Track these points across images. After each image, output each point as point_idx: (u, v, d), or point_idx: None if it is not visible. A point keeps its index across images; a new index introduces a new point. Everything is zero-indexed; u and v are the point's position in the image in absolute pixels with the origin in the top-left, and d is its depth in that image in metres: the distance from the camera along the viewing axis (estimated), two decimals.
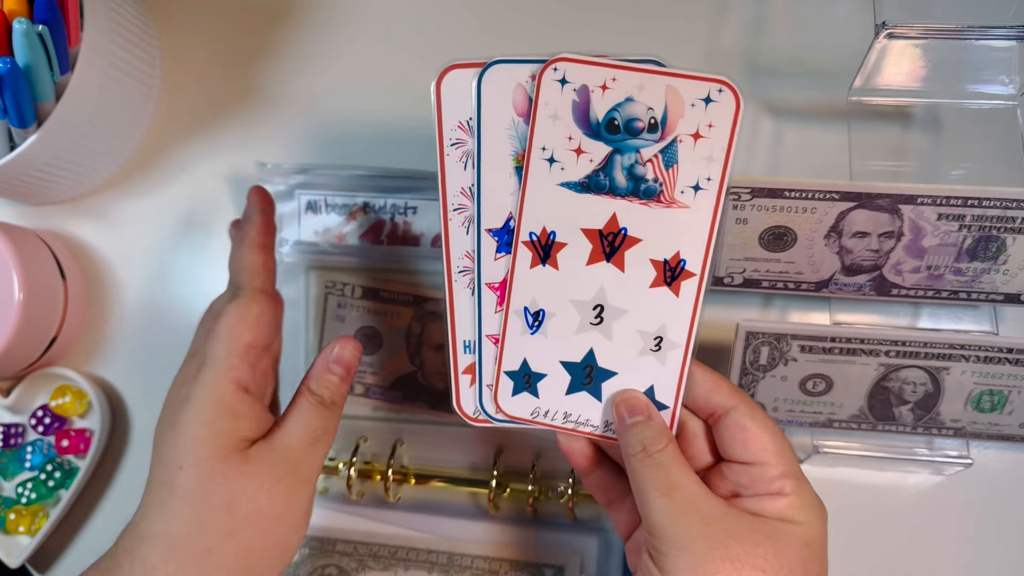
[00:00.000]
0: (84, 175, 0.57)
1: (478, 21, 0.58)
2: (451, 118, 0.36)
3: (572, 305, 0.38)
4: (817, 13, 0.55)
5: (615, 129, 0.35)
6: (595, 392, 0.39)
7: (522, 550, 0.49)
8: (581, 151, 0.36)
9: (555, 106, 0.35)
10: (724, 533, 0.33)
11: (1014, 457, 0.49)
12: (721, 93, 0.34)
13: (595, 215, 0.36)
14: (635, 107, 0.35)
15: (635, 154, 0.35)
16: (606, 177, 0.36)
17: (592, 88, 0.35)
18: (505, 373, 0.39)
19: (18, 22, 0.47)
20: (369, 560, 0.49)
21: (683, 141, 0.35)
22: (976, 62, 0.48)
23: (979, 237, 0.43)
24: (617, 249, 0.37)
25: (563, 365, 0.39)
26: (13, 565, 0.54)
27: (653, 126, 0.35)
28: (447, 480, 0.51)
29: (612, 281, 0.37)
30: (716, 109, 0.34)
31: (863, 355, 0.44)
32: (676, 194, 0.35)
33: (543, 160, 0.36)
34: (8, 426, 0.56)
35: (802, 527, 0.34)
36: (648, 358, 0.38)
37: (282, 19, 0.60)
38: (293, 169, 0.53)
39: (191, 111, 0.59)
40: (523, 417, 0.40)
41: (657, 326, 0.37)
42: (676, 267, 0.37)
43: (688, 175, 0.35)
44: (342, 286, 0.51)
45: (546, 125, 0.35)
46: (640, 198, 0.36)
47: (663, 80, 0.34)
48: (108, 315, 0.58)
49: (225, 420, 0.37)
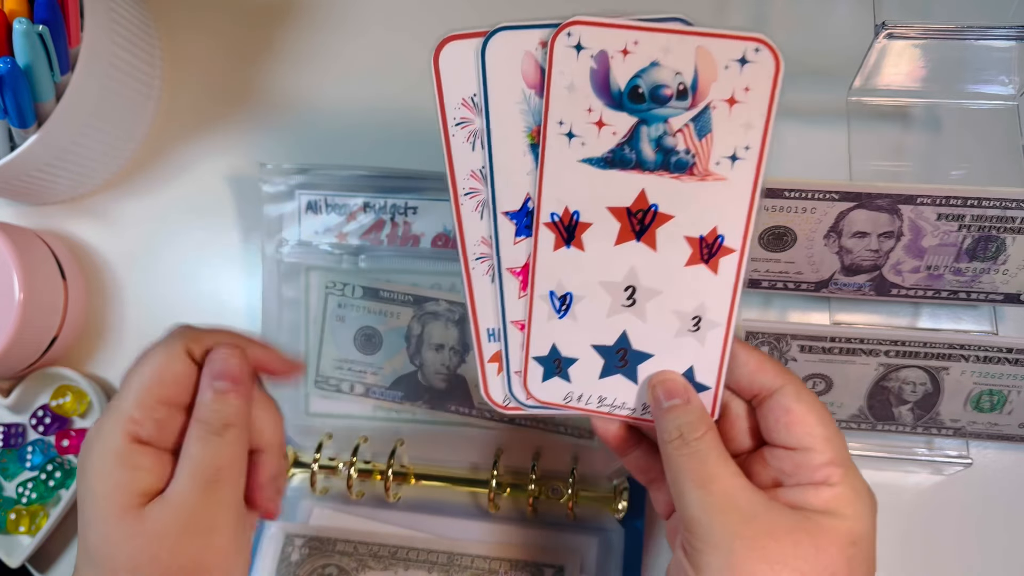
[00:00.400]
0: (84, 175, 0.57)
1: (478, 18, 0.58)
2: (453, 95, 0.33)
3: (602, 287, 0.35)
4: (817, 13, 0.55)
5: (640, 98, 0.32)
6: (630, 374, 0.36)
7: (522, 550, 0.49)
8: (603, 123, 0.32)
9: (571, 75, 0.32)
10: (762, 532, 0.31)
11: (1014, 457, 0.49)
12: (758, 53, 0.30)
13: (622, 192, 0.33)
14: (661, 72, 0.31)
15: (663, 124, 0.32)
16: (632, 151, 0.32)
17: (612, 53, 0.31)
18: (534, 359, 0.37)
19: (18, 22, 0.47)
20: (369, 560, 0.49)
21: (717, 107, 0.31)
22: (976, 62, 0.48)
23: (979, 237, 0.43)
24: (648, 227, 0.34)
25: (595, 349, 0.36)
26: (13, 565, 0.54)
27: (683, 92, 0.31)
28: (447, 480, 0.51)
29: (644, 261, 0.34)
30: (753, 70, 0.30)
31: (863, 355, 0.45)
32: (711, 165, 0.32)
33: (561, 135, 0.33)
34: (9, 426, 0.56)
35: (849, 522, 0.32)
36: (686, 339, 0.35)
37: (282, 19, 0.60)
38: (293, 169, 0.52)
39: (191, 111, 0.59)
40: (555, 402, 0.37)
41: (695, 306, 0.34)
42: (714, 243, 0.33)
43: (724, 144, 0.32)
44: (342, 286, 0.51)
45: (562, 97, 0.32)
46: (671, 171, 0.32)
47: (692, 40, 0.30)
48: (108, 315, 0.58)
49: (122, 474, 0.34)
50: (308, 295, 0.52)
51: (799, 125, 0.53)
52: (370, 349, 0.52)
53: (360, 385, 0.52)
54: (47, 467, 0.54)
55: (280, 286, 0.52)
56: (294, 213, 0.53)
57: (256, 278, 0.56)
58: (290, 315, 0.52)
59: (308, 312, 0.52)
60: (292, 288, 0.52)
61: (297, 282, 0.52)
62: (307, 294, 0.52)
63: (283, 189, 0.53)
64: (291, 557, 0.50)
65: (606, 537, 0.49)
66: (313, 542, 0.50)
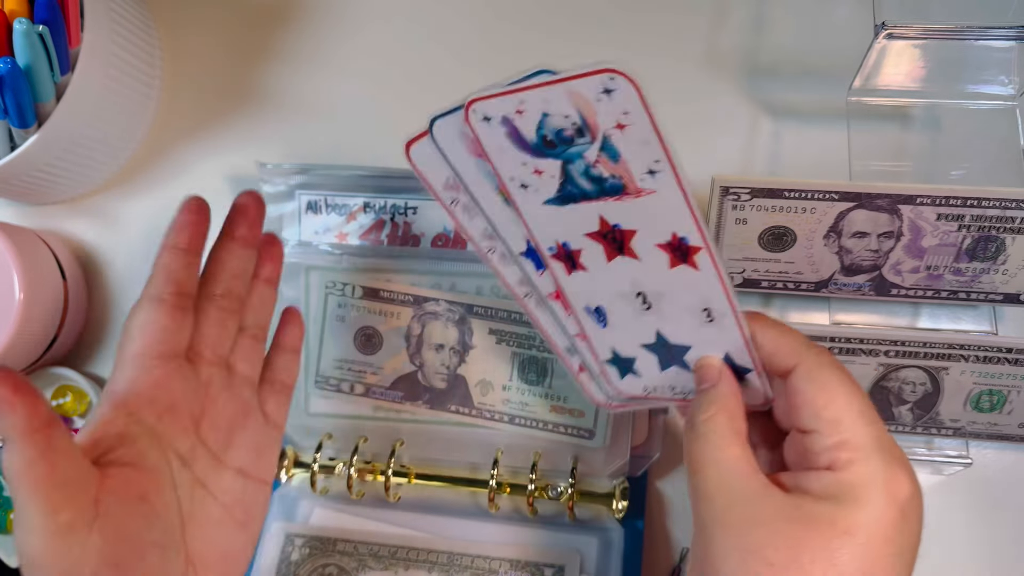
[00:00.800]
0: (84, 175, 0.57)
1: (478, 18, 0.58)
2: (437, 182, 0.38)
3: (619, 297, 0.38)
4: (817, 13, 0.55)
5: (551, 144, 0.35)
6: (685, 365, 0.38)
7: (522, 550, 0.49)
8: (539, 171, 0.36)
9: (496, 140, 0.35)
10: (743, 518, 0.30)
11: (1013, 457, 0.49)
12: (614, 80, 0.33)
13: (586, 220, 0.36)
14: (554, 119, 0.34)
15: (582, 159, 0.35)
16: (574, 186, 0.36)
17: (511, 116, 0.35)
18: (606, 363, 0.40)
19: (18, 22, 0.47)
20: (369, 560, 0.49)
21: (612, 135, 0.34)
22: (975, 62, 0.49)
23: (978, 237, 0.43)
24: (622, 242, 0.37)
25: (645, 348, 0.39)
26: (14, 565, 0.54)
27: (579, 130, 0.34)
28: (447, 480, 0.51)
29: (636, 270, 0.37)
30: (620, 96, 0.33)
31: (862, 355, 0.45)
32: (637, 183, 0.35)
33: (519, 188, 0.36)
34: None
35: (845, 509, 0.29)
36: (708, 329, 0.37)
37: (282, 19, 0.60)
38: (293, 169, 0.53)
39: (192, 111, 0.59)
40: (639, 395, 0.40)
41: (699, 299, 0.37)
42: (679, 245, 0.36)
43: (637, 163, 0.34)
44: (342, 286, 0.51)
45: (500, 158, 0.36)
46: (611, 195, 0.36)
47: (560, 87, 0.33)
48: (109, 315, 0.58)
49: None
50: (308, 295, 0.52)
51: (799, 125, 0.53)
52: (370, 349, 0.52)
53: (360, 385, 0.52)
54: None
55: (280, 286, 0.52)
56: (294, 213, 0.53)
57: None
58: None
59: (308, 312, 0.52)
60: (292, 288, 0.52)
61: (297, 282, 0.52)
62: (307, 294, 0.52)
63: (283, 189, 0.53)
64: (291, 557, 0.50)
65: (606, 537, 0.49)
66: (313, 542, 0.50)
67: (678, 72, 0.55)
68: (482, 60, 0.57)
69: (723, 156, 0.53)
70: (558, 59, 0.57)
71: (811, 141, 0.53)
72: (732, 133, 0.54)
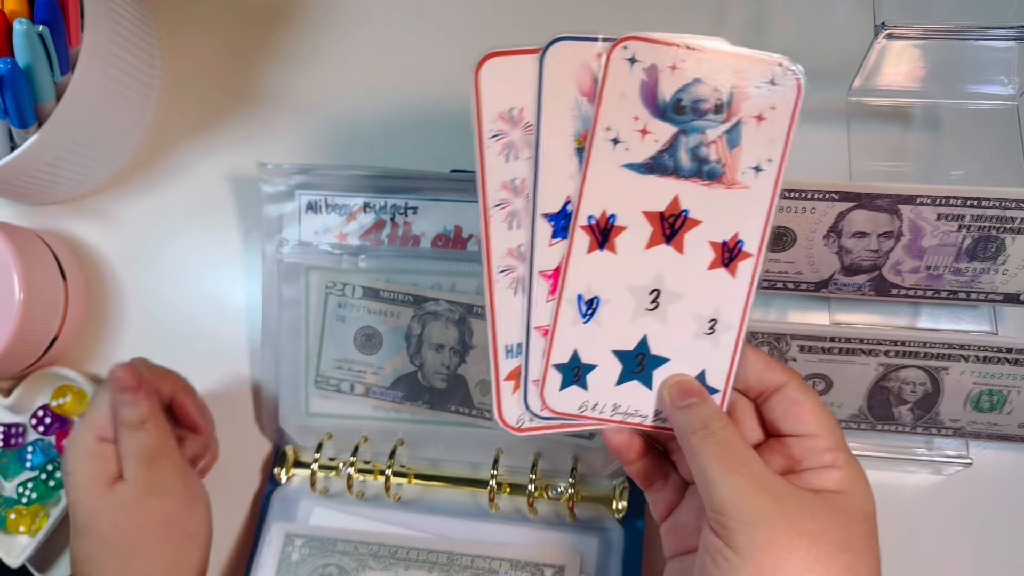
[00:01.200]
0: (85, 175, 0.57)
1: (479, 18, 0.58)
2: (491, 109, 0.35)
3: (628, 291, 0.37)
4: (817, 14, 0.55)
5: (682, 110, 0.35)
6: (646, 380, 0.38)
7: (522, 550, 0.49)
8: (647, 131, 0.35)
9: (623, 85, 0.34)
10: (798, 509, 0.33)
11: (1013, 457, 0.50)
12: (785, 76, 0.34)
13: (657, 197, 0.36)
14: (702, 88, 0.34)
15: (700, 135, 0.35)
16: (671, 158, 0.35)
17: (661, 68, 0.34)
18: (554, 367, 0.38)
19: (19, 22, 0.47)
20: (369, 560, 0.49)
21: (747, 123, 0.34)
22: (975, 62, 0.49)
23: (978, 237, 0.43)
24: (677, 231, 0.36)
25: (615, 354, 0.38)
26: (14, 565, 0.54)
27: (719, 107, 0.34)
28: (447, 480, 0.51)
29: (671, 264, 0.36)
30: (779, 91, 0.34)
31: (862, 355, 0.45)
32: (738, 175, 0.35)
33: (607, 141, 0.35)
34: (9, 426, 0.56)
35: (859, 500, 0.34)
36: (702, 342, 0.37)
37: (282, 19, 0.60)
38: (293, 169, 0.53)
39: (192, 111, 0.59)
40: (570, 412, 0.39)
41: (712, 308, 0.37)
42: (734, 248, 0.36)
43: (750, 156, 0.35)
44: (342, 286, 0.51)
45: (613, 105, 0.35)
46: (703, 179, 0.35)
47: (730, 61, 0.34)
48: (109, 315, 0.58)
49: (93, 464, 0.44)
50: (308, 295, 0.52)
51: (799, 125, 0.53)
52: (370, 349, 0.52)
53: (360, 385, 0.52)
54: (47, 467, 0.55)
55: (280, 286, 0.52)
56: (294, 213, 0.53)
57: (256, 278, 0.57)
58: (290, 315, 0.52)
59: (308, 312, 0.52)
60: (292, 288, 0.52)
61: (297, 282, 0.52)
62: (307, 294, 0.52)
63: (283, 189, 0.53)
64: (291, 557, 0.50)
65: (606, 537, 0.49)
66: (313, 542, 0.50)
67: None
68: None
69: None
70: None
71: (811, 141, 0.53)
72: None
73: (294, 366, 0.52)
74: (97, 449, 0.44)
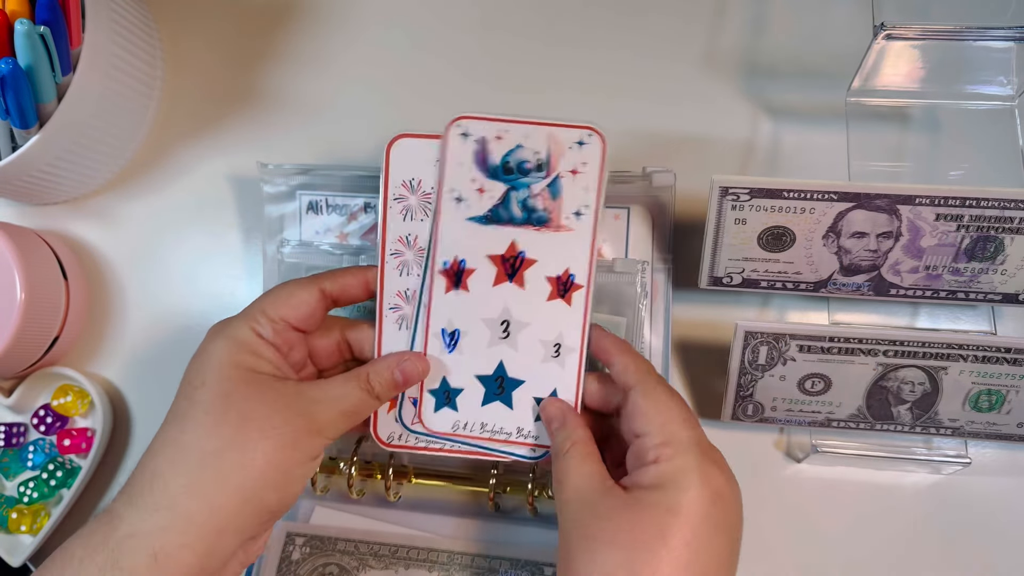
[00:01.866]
0: (86, 175, 0.57)
1: (480, 18, 0.58)
2: (396, 177, 0.44)
3: (483, 323, 0.44)
4: (816, 14, 0.55)
5: (509, 171, 0.43)
6: (507, 401, 0.44)
7: (522, 549, 0.49)
8: (483, 190, 0.43)
9: (460, 155, 0.43)
10: (590, 514, 0.36)
11: (1012, 456, 0.50)
12: (591, 137, 0.42)
13: (498, 242, 0.43)
14: (524, 152, 0.43)
15: (527, 190, 0.43)
16: (505, 210, 0.43)
17: (489, 139, 0.43)
18: (428, 391, 0.45)
19: (20, 23, 0.47)
20: (370, 559, 0.49)
21: (564, 176, 0.42)
22: (974, 63, 0.49)
23: (977, 237, 0.43)
24: (518, 270, 0.43)
25: (478, 379, 0.44)
26: (15, 564, 0.54)
27: (540, 166, 0.43)
28: (447, 479, 0.52)
29: (515, 298, 0.43)
30: (587, 150, 0.42)
31: (861, 355, 0.45)
32: (562, 220, 0.43)
33: (452, 199, 0.43)
34: (10, 425, 0.56)
35: (669, 493, 0.35)
36: (550, 364, 0.44)
37: (283, 20, 0.60)
38: (294, 170, 0.53)
39: (193, 112, 0.60)
40: (445, 432, 0.45)
41: (555, 334, 0.44)
42: (567, 281, 0.43)
43: (570, 204, 0.43)
44: None
45: (454, 171, 0.43)
46: (534, 225, 0.43)
47: (544, 129, 0.42)
48: (110, 315, 0.58)
49: (246, 355, 0.40)
50: None
51: (798, 125, 0.53)
52: None
53: None
54: (48, 466, 0.55)
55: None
56: (295, 213, 0.53)
57: (257, 278, 0.57)
58: None
59: None
60: None
61: None
62: None
63: (284, 189, 0.53)
64: (292, 556, 0.50)
65: None
66: (314, 541, 0.50)
67: (678, 73, 0.55)
68: (483, 61, 0.57)
69: (722, 156, 0.54)
70: (558, 60, 0.58)
71: (810, 141, 0.53)
72: (731, 133, 0.54)
73: None
74: (253, 342, 0.41)
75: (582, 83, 0.56)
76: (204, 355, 0.41)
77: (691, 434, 0.37)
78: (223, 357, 0.40)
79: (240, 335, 0.41)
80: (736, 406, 0.47)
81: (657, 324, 0.50)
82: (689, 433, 0.37)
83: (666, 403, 0.39)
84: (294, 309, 0.42)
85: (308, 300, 0.43)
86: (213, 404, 0.39)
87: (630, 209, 0.50)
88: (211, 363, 0.40)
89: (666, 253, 0.51)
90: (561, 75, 0.56)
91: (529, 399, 0.44)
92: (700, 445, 0.37)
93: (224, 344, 0.40)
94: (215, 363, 0.40)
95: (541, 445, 0.44)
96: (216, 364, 0.40)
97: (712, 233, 0.45)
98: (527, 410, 0.44)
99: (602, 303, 0.49)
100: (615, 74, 0.56)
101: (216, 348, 0.40)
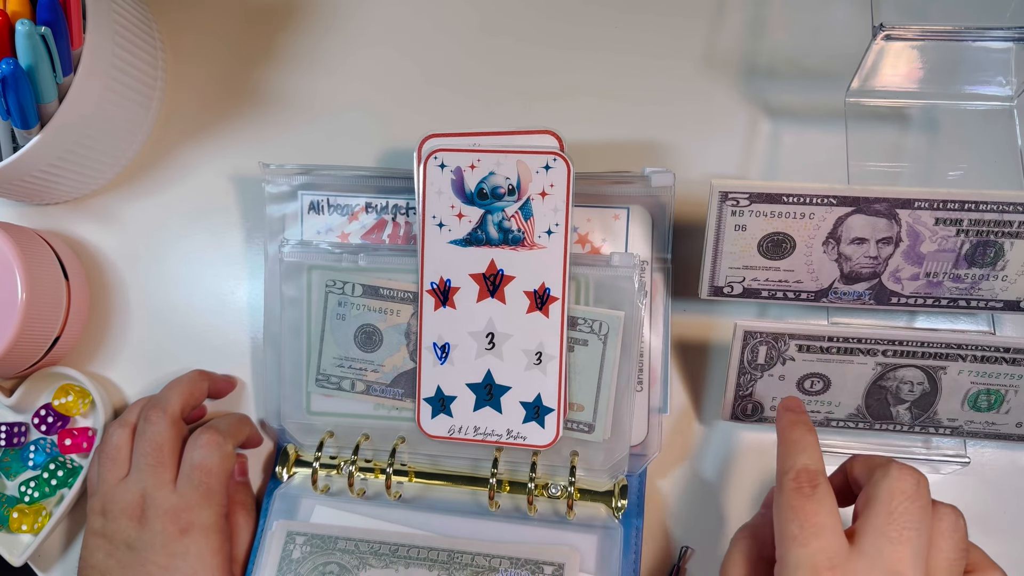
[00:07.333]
0: (87, 176, 0.57)
1: (480, 18, 0.58)
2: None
3: (470, 336, 0.48)
4: (815, 15, 0.55)
5: (484, 196, 0.47)
6: (496, 406, 0.49)
7: (522, 548, 0.49)
8: (462, 215, 0.47)
9: (438, 184, 0.48)
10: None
11: (1011, 456, 0.50)
12: (556, 161, 0.46)
13: (478, 262, 0.48)
14: (496, 178, 0.47)
15: (501, 213, 0.47)
16: (483, 232, 0.47)
17: (464, 168, 0.47)
18: (424, 400, 0.50)
19: (21, 23, 0.47)
20: (370, 558, 0.49)
21: (534, 199, 0.47)
22: (973, 63, 0.49)
23: (977, 242, 0.43)
24: (499, 286, 0.48)
25: (468, 387, 0.49)
26: (16, 563, 0.54)
27: (511, 190, 0.47)
28: (447, 478, 0.52)
29: (497, 312, 0.48)
30: (554, 173, 0.46)
31: (860, 354, 0.45)
32: (535, 239, 0.47)
33: (434, 225, 0.48)
34: (11, 425, 0.56)
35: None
36: (533, 371, 0.48)
37: (284, 21, 0.60)
38: (296, 170, 0.53)
39: (194, 112, 0.60)
40: (442, 436, 0.50)
41: (536, 344, 0.48)
42: (543, 294, 0.47)
43: (542, 223, 0.47)
44: (342, 284, 0.52)
45: (433, 199, 0.48)
46: (510, 244, 0.47)
47: (514, 157, 0.46)
48: (111, 315, 0.58)
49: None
50: (309, 294, 0.52)
51: (797, 126, 0.53)
52: (370, 346, 0.52)
53: (361, 383, 0.52)
54: (49, 466, 0.55)
55: (282, 285, 0.52)
56: (296, 213, 0.53)
57: (258, 278, 0.57)
58: (292, 314, 0.52)
59: (309, 311, 0.52)
60: (294, 287, 0.52)
61: (299, 281, 0.52)
62: (308, 293, 0.52)
63: (286, 189, 0.53)
64: (292, 555, 0.50)
65: (606, 535, 0.49)
66: (314, 540, 0.50)
67: (676, 73, 0.55)
68: (484, 60, 0.57)
69: (721, 157, 0.54)
70: (558, 61, 0.58)
71: (809, 142, 0.53)
72: (730, 134, 0.54)
73: (295, 365, 0.53)
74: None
75: (582, 84, 0.56)
76: None
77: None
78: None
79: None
80: (735, 406, 0.48)
81: (656, 324, 0.50)
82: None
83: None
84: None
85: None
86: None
87: (630, 209, 0.51)
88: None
89: (665, 253, 0.51)
90: (561, 76, 0.56)
91: (516, 404, 0.48)
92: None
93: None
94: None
95: (531, 445, 0.48)
96: None
97: (712, 240, 0.45)
98: (515, 413, 0.48)
99: (601, 298, 0.49)
100: (615, 75, 0.56)
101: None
